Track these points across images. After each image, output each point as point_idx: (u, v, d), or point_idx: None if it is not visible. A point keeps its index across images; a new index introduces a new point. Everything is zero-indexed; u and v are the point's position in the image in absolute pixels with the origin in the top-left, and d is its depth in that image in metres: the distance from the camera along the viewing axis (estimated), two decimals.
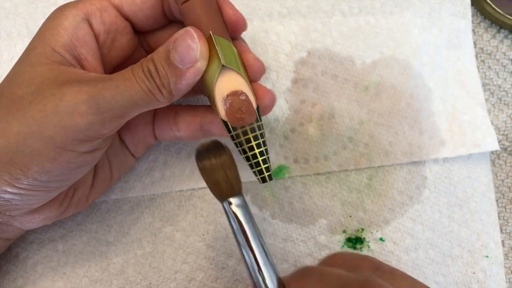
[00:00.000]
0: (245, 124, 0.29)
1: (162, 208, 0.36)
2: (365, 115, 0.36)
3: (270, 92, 0.30)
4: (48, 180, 0.27)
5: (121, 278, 0.35)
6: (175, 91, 0.27)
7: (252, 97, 0.29)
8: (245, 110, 0.28)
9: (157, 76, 0.27)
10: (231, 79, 0.28)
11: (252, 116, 0.28)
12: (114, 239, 0.35)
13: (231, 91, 0.28)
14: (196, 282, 0.35)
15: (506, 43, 0.39)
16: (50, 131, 0.25)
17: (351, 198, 0.36)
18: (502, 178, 0.38)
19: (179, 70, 0.27)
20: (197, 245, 0.35)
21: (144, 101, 0.27)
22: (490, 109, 0.39)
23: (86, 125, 0.26)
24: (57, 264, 0.35)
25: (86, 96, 0.25)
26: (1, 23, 0.37)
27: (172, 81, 0.27)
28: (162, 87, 0.27)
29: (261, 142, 0.29)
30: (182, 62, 0.26)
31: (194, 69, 0.27)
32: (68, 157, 0.26)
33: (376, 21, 0.38)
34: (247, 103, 0.28)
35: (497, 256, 0.36)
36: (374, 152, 0.36)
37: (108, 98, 0.26)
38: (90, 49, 0.29)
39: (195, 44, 0.27)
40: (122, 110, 0.26)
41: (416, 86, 0.37)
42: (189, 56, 0.26)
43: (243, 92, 0.28)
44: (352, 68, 0.37)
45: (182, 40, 0.26)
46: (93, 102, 0.26)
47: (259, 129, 0.29)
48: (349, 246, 0.35)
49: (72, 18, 0.28)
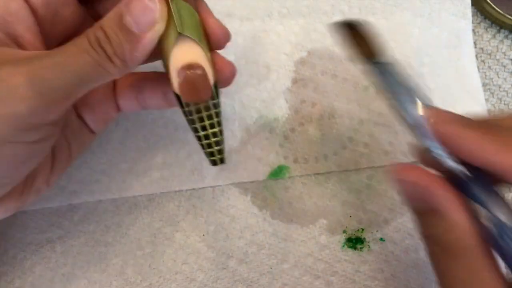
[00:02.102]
0: (199, 101, 0.26)
1: (161, 208, 0.36)
2: (365, 115, 0.36)
3: (231, 64, 0.27)
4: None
5: (121, 279, 0.34)
6: (130, 60, 0.24)
7: (210, 71, 0.25)
8: (200, 85, 0.25)
9: (107, 44, 0.23)
10: (188, 49, 0.25)
11: (207, 93, 0.25)
12: (113, 239, 0.35)
13: (187, 63, 0.25)
14: (196, 282, 0.34)
15: (506, 43, 0.39)
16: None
17: (351, 198, 0.36)
18: None
19: (135, 35, 0.23)
20: (197, 246, 0.35)
21: (92, 75, 0.24)
22: (490, 109, 0.39)
23: (27, 111, 0.22)
24: (55, 265, 0.34)
25: (23, 78, 0.22)
26: None
27: (127, 48, 0.23)
28: (115, 56, 0.23)
29: (215, 122, 0.27)
30: (138, 26, 0.23)
31: (152, 33, 0.24)
32: (13, 150, 0.23)
33: (376, 21, 0.38)
34: (202, 78, 0.25)
35: (497, 256, 0.36)
36: (374, 152, 0.36)
37: (50, 78, 0.22)
38: (26, 24, 0.25)
39: (154, 4, 0.23)
40: (67, 89, 0.23)
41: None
42: (146, 18, 0.23)
43: (199, 65, 0.25)
44: (352, 68, 0.37)
45: (137, 1, 0.23)
46: (32, 84, 0.22)
47: (214, 107, 0.26)
48: (349, 246, 0.35)
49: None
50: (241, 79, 0.36)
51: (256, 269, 0.35)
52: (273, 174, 0.36)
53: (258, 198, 0.36)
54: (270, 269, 0.35)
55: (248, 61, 0.37)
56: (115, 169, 0.36)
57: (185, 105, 0.26)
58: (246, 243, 0.35)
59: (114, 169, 0.36)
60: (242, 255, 0.35)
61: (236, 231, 0.35)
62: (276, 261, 0.35)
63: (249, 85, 0.37)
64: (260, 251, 0.35)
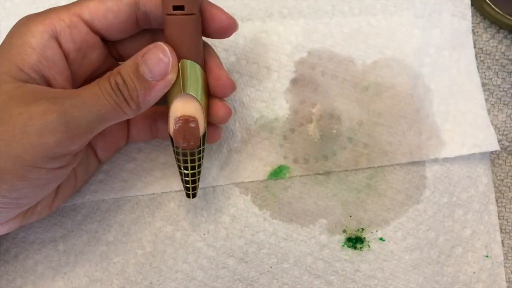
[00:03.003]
0: (187, 149, 0.30)
1: (163, 208, 0.36)
2: (365, 115, 0.36)
3: (225, 107, 0.31)
4: (18, 197, 0.27)
5: (122, 277, 0.35)
6: (143, 103, 0.27)
7: (202, 124, 0.29)
8: (190, 137, 0.29)
9: (125, 89, 0.26)
10: (187, 104, 0.29)
11: (195, 144, 0.29)
12: (114, 238, 0.35)
13: (183, 115, 0.29)
14: (196, 281, 0.35)
15: (505, 43, 0.39)
16: (19, 150, 0.25)
17: (351, 198, 0.36)
18: (502, 178, 0.38)
19: (148, 83, 0.26)
20: (198, 245, 0.35)
21: (111, 115, 0.27)
22: (490, 109, 0.39)
23: (55, 142, 0.25)
24: (57, 264, 0.35)
25: (55, 115, 0.25)
26: (2, 23, 0.37)
27: (141, 93, 0.27)
28: (130, 100, 0.27)
29: (196, 165, 0.31)
30: (152, 75, 0.26)
31: (163, 82, 0.27)
32: (38, 175, 0.26)
33: (377, 22, 0.38)
34: (194, 130, 0.29)
35: (497, 255, 0.36)
36: (373, 152, 0.36)
37: (77, 115, 0.26)
38: (59, 68, 0.28)
39: (167, 57, 0.27)
40: (90, 125, 0.26)
41: (416, 86, 0.37)
42: (159, 69, 0.26)
43: (194, 119, 0.29)
44: (352, 69, 0.37)
45: (152, 54, 0.26)
46: (62, 120, 0.25)
47: (198, 154, 0.30)
48: (349, 246, 0.35)
49: (40, 35, 0.27)
50: (241, 80, 0.37)
51: (256, 268, 0.35)
52: (273, 174, 0.36)
53: (258, 198, 0.36)
54: (270, 268, 0.35)
55: (248, 62, 0.37)
56: (118, 169, 0.36)
57: (176, 147, 0.30)
58: (246, 243, 0.35)
59: (117, 169, 0.36)
60: (242, 254, 0.35)
61: (236, 231, 0.35)
62: (276, 260, 0.35)
63: (249, 85, 0.37)
64: (260, 250, 0.35)
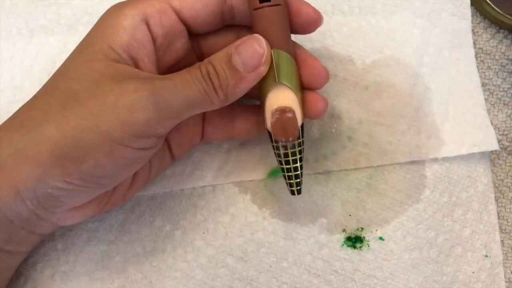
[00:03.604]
0: (286, 140, 0.29)
1: (163, 207, 0.36)
2: (365, 115, 0.37)
3: (323, 100, 0.31)
4: (101, 175, 0.27)
5: (122, 276, 0.35)
6: (231, 94, 0.27)
7: (299, 114, 0.29)
8: (289, 127, 0.29)
9: (216, 78, 0.27)
10: (283, 94, 0.29)
11: (295, 134, 0.29)
12: (116, 238, 0.35)
13: (280, 107, 0.29)
14: (195, 280, 0.35)
15: (505, 43, 0.39)
16: (107, 126, 0.25)
17: (351, 197, 0.36)
18: (502, 178, 0.38)
19: (240, 74, 0.27)
20: (197, 244, 0.35)
21: (199, 102, 0.27)
22: (490, 108, 0.39)
23: (144, 121, 0.26)
24: (57, 263, 0.35)
25: (145, 92, 0.26)
26: (1, 21, 0.37)
27: (231, 84, 0.27)
28: (219, 89, 0.27)
29: (297, 158, 0.30)
30: (245, 66, 0.27)
31: (255, 74, 0.27)
32: (123, 153, 0.26)
33: (376, 21, 0.38)
34: (292, 121, 0.29)
35: (496, 255, 0.36)
36: (373, 151, 0.36)
37: (166, 97, 0.26)
38: (147, 51, 0.29)
39: (262, 49, 0.27)
40: (178, 110, 0.27)
41: (415, 85, 0.37)
42: (254, 60, 0.27)
43: (291, 109, 0.29)
44: (352, 68, 0.37)
45: (247, 45, 0.27)
46: (152, 99, 0.26)
47: (298, 146, 0.30)
48: (349, 245, 0.35)
49: (132, 18, 0.28)
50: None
51: (255, 267, 0.35)
52: (272, 173, 0.36)
53: (258, 197, 0.36)
54: (270, 267, 0.35)
55: None
56: None
57: (274, 141, 0.30)
58: (246, 242, 0.35)
59: None
60: (241, 253, 0.35)
61: (236, 230, 0.35)
62: (275, 259, 0.35)
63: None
64: (260, 249, 0.35)
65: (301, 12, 0.30)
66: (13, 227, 0.28)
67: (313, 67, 0.30)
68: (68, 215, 0.29)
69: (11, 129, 0.27)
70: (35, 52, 0.37)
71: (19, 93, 0.36)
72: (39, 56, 0.37)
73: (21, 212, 0.27)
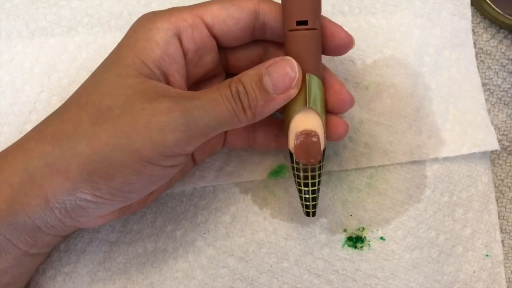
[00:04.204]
0: (308, 163, 0.29)
1: (164, 208, 0.36)
2: (365, 115, 0.37)
3: (345, 124, 0.31)
4: (129, 191, 0.27)
5: (124, 277, 0.35)
6: (259, 114, 0.27)
7: (323, 139, 0.29)
8: (312, 151, 0.29)
9: (245, 98, 0.27)
10: (309, 118, 0.29)
11: (317, 159, 0.29)
12: (117, 239, 0.35)
13: (305, 130, 0.29)
14: (196, 281, 0.35)
15: (505, 43, 0.39)
16: (138, 145, 0.26)
17: (352, 197, 0.36)
18: (502, 178, 0.38)
19: (269, 95, 0.27)
20: (198, 244, 0.35)
21: (227, 121, 0.27)
22: (490, 108, 0.39)
23: (174, 141, 0.26)
24: (59, 264, 0.35)
25: (177, 113, 0.26)
26: (2, 23, 0.37)
27: (260, 104, 0.27)
28: (248, 109, 0.27)
29: (316, 181, 0.30)
30: (275, 88, 0.27)
31: (285, 96, 0.27)
32: (152, 171, 0.27)
33: (377, 21, 0.38)
34: (316, 145, 0.29)
35: (497, 255, 0.36)
36: (374, 151, 0.36)
37: (196, 117, 0.26)
38: (178, 66, 0.29)
39: (294, 72, 0.27)
40: (208, 129, 0.27)
41: (416, 85, 0.37)
42: (284, 83, 0.27)
43: (316, 133, 0.29)
44: (352, 68, 0.37)
45: (279, 67, 0.27)
46: (183, 120, 0.26)
47: (318, 170, 0.30)
48: (350, 245, 0.35)
49: (164, 32, 0.28)
50: None
51: (256, 267, 0.35)
52: (273, 174, 0.36)
53: (259, 197, 0.36)
54: (270, 267, 0.35)
55: None
56: None
57: (296, 162, 0.30)
58: (246, 242, 0.35)
59: None
60: (242, 253, 0.35)
61: (237, 230, 0.35)
62: (276, 259, 0.35)
63: None
64: (261, 249, 0.35)
65: (335, 36, 0.30)
66: (40, 233, 0.28)
67: (339, 92, 0.30)
68: (91, 221, 0.30)
69: (42, 140, 0.27)
70: (36, 54, 0.37)
71: (19, 95, 0.36)
72: (40, 58, 0.37)
73: (49, 220, 0.28)
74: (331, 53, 0.31)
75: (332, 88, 0.30)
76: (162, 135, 0.26)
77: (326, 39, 0.30)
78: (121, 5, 0.38)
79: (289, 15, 0.28)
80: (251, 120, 0.28)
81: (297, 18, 0.27)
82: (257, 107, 0.27)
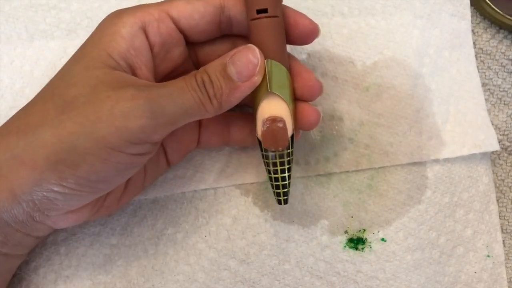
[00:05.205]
0: (276, 150, 0.29)
1: (165, 210, 0.36)
2: (366, 116, 0.37)
3: (316, 112, 0.31)
4: (96, 180, 0.27)
5: (124, 280, 0.35)
6: (225, 103, 0.28)
7: (290, 125, 0.29)
8: (279, 137, 0.29)
9: (210, 87, 0.27)
10: (275, 104, 0.29)
11: (284, 144, 0.29)
12: (118, 242, 0.35)
13: (271, 116, 0.29)
14: (198, 283, 0.35)
15: (505, 43, 0.39)
16: (103, 132, 0.26)
17: (353, 199, 0.36)
18: (503, 178, 0.38)
19: (234, 83, 0.27)
20: (199, 247, 0.35)
21: (193, 110, 0.27)
22: (490, 109, 0.39)
23: (139, 128, 0.26)
24: (59, 267, 0.35)
25: (142, 100, 0.26)
26: (1, 26, 0.37)
27: (225, 93, 0.27)
28: (214, 98, 0.27)
29: (285, 168, 0.30)
30: (239, 76, 0.27)
31: (249, 83, 0.28)
32: (118, 158, 0.27)
33: (376, 22, 0.38)
34: (282, 131, 0.29)
35: (498, 255, 0.36)
36: (374, 153, 0.36)
37: (162, 104, 0.26)
38: (144, 59, 0.29)
39: (256, 59, 0.27)
40: (173, 117, 0.27)
41: (416, 86, 0.37)
42: (248, 70, 0.27)
43: (282, 119, 0.29)
44: (352, 69, 0.37)
45: (242, 55, 0.27)
46: (148, 107, 0.26)
47: (287, 156, 0.30)
48: (351, 247, 0.35)
49: (130, 26, 0.28)
50: None
51: (257, 269, 0.35)
52: None
53: (260, 199, 0.36)
54: (272, 269, 0.35)
55: None
56: None
57: (264, 150, 0.30)
58: (248, 244, 0.35)
59: None
60: (243, 255, 0.35)
61: (238, 232, 0.35)
62: (277, 261, 0.35)
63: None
64: (262, 251, 0.35)
65: (298, 24, 0.30)
66: (9, 229, 0.28)
67: (307, 79, 0.30)
68: (62, 218, 0.29)
69: (8, 133, 0.27)
70: (35, 57, 0.37)
71: (19, 98, 0.36)
72: (40, 60, 0.37)
73: (17, 214, 0.27)
74: (298, 42, 0.31)
75: (300, 76, 0.30)
76: (126, 121, 0.26)
77: (290, 28, 0.30)
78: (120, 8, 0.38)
79: (250, 5, 0.28)
80: (217, 109, 0.28)
81: (257, 7, 0.28)
82: (223, 96, 0.27)
